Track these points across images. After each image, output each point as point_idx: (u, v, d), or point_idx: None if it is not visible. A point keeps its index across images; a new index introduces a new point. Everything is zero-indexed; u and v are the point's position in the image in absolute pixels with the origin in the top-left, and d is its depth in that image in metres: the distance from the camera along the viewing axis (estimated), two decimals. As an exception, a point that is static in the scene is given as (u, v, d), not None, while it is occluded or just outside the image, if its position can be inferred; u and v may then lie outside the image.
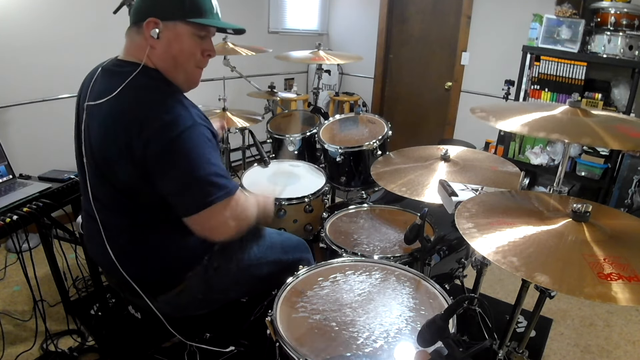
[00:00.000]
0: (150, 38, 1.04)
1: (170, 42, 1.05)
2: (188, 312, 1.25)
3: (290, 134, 2.34)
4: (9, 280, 2.24)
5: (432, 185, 1.46)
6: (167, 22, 1.04)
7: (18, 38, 2.43)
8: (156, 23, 1.03)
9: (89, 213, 1.16)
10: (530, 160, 3.26)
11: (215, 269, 1.21)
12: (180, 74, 1.10)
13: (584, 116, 1.16)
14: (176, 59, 1.07)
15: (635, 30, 2.67)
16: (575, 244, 0.88)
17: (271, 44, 3.10)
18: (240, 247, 1.28)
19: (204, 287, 1.20)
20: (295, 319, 1.03)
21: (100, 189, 1.10)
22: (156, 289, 1.16)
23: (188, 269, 1.18)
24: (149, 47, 1.05)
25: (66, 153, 2.67)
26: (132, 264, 1.13)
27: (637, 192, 2.79)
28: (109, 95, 1.02)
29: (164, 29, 1.04)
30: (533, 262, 0.82)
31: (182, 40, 1.06)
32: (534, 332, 1.98)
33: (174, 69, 1.08)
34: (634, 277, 0.77)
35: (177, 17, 1.04)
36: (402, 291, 1.15)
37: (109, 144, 1.02)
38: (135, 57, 1.07)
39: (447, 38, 3.93)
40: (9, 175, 1.65)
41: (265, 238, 1.36)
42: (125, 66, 1.06)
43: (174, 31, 1.05)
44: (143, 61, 1.05)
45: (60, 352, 1.71)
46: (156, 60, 1.07)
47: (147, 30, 1.03)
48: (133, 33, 1.08)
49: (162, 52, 1.06)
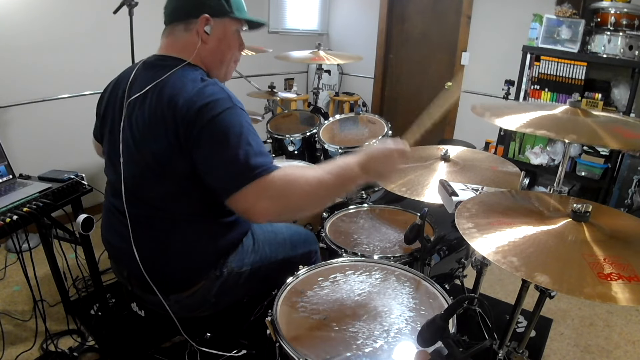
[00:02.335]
0: (204, 34, 1.10)
1: (220, 38, 1.13)
2: (196, 313, 1.24)
3: (290, 134, 2.34)
4: (9, 280, 2.24)
5: (432, 185, 1.46)
6: (216, 19, 1.11)
7: (18, 38, 2.43)
8: (208, 20, 1.09)
9: (114, 204, 1.17)
10: (530, 160, 3.26)
11: (228, 273, 1.21)
12: (222, 68, 1.19)
13: (584, 116, 1.16)
14: (224, 53, 1.16)
15: (635, 30, 2.67)
16: (575, 244, 0.88)
17: (271, 44, 3.10)
18: (253, 249, 1.27)
19: (216, 291, 1.20)
20: (295, 319, 1.03)
21: (135, 177, 1.10)
22: (170, 287, 1.16)
23: (205, 272, 1.18)
24: (200, 42, 1.10)
25: (66, 153, 2.70)
26: (153, 258, 1.13)
27: (637, 192, 2.79)
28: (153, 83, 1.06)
29: (215, 25, 1.11)
30: (533, 262, 0.82)
31: (230, 36, 1.15)
32: (534, 332, 1.98)
33: (219, 64, 1.17)
34: (634, 277, 0.77)
35: (226, 14, 1.11)
36: (402, 291, 1.15)
37: (153, 127, 1.04)
38: (179, 53, 1.12)
39: (447, 38, 3.93)
40: (9, 175, 1.65)
41: (276, 235, 1.36)
42: (169, 60, 1.10)
43: (223, 27, 1.13)
44: (192, 56, 1.11)
45: (60, 352, 1.71)
46: (204, 55, 1.13)
47: (200, 27, 1.09)
48: (178, 31, 1.13)
49: (212, 47, 1.13)
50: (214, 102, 1.01)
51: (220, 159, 1.00)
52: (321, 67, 2.72)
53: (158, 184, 1.09)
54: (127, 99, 1.10)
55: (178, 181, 1.08)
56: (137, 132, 1.08)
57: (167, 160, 1.05)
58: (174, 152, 1.03)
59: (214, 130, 1.00)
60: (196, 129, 1.00)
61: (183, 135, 1.01)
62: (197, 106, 1.00)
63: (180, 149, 1.03)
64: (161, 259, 1.14)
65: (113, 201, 1.18)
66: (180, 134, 1.01)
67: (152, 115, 1.05)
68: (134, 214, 1.11)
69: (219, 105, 1.01)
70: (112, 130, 1.16)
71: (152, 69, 1.11)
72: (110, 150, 1.16)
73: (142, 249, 1.11)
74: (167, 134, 1.02)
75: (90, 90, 2.74)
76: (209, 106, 1.00)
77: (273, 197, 0.99)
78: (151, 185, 1.10)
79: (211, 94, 1.02)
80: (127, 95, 1.10)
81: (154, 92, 1.06)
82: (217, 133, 1.00)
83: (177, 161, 1.04)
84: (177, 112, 1.01)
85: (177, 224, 1.13)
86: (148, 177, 1.09)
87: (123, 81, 1.16)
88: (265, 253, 1.30)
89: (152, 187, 1.10)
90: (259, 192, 0.98)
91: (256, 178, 0.97)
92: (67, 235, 1.75)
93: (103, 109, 1.22)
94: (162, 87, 1.05)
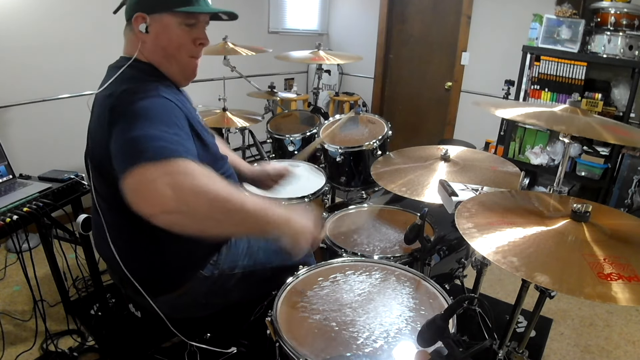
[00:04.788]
0: (140, 33, 1.07)
1: (158, 35, 1.07)
2: (188, 313, 1.25)
3: (290, 134, 2.34)
4: (9, 280, 2.24)
5: (432, 185, 1.46)
6: (153, 15, 1.06)
7: (18, 38, 2.43)
8: (144, 18, 1.06)
9: (95, 209, 1.17)
10: (530, 160, 3.26)
11: (219, 275, 1.20)
12: (173, 65, 1.12)
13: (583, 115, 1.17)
14: (166, 50, 1.09)
15: (635, 30, 2.67)
16: (575, 244, 0.88)
17: (271, 44, 3.10)
18: (247, 253, 1.27)
19: (206, 292, 1.20)
20: (295, 319, 1.03)
21: (100, 184, 1.10)
22: (157, 289, 1.16)
23: (190, 273, 1.17)
24: (140, 42, 1.08)
25: (66, 153, 2.70)
26: (134, 261, 1.12)
27: (637, 192, 2.79)
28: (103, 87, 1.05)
29: (152, 22, 1.06)
30: (533, 262, 0.82)
31: (170, 31, 1.07)
32: (534, 332, 1.98)
33: (166, 61, 1.11)
34: (634, 277, 0.77)
35: (163, 9, 1.05)
36: (402, 291, 1.15)
37: (98, 135, 1.03)
38: (130, 53, 1.11)
39: (447, 38, 3.93)
40: (9, 175, 1.65)
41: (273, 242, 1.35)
42: (122, 62, 1.09)
43: (160, 23, 1.07)
44: (134, 56, 1.08)
45: (60, 352, 1.71)
46: (148, 54, 1.10)
47: (135, 26, 1.07)
48: (127, 31, 1.13)
49: (152, 45, 1.08)
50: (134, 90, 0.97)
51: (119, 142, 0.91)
52: (321, 67, 2.72)
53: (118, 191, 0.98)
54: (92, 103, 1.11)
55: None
56: (90, 133, 1.09)
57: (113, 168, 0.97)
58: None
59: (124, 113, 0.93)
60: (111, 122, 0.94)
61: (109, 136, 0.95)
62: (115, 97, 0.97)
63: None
64: (142, 261, 1.13)
65: (95, 206, 1.17)
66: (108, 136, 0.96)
67: (96, 123, 1.05)
68: (108, 219, 1.11)
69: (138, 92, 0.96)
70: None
71: (109, 71, 1.10)
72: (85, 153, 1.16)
73: (121, 253, 1.10)
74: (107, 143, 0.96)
75: (90, 90, 2.69)
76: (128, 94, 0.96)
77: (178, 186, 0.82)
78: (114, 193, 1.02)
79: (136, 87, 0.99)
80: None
81: (100, 98, 1.05)
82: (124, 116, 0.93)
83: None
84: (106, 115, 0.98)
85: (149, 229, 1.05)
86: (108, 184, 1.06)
87: None
88: (260, 258, 1.28)
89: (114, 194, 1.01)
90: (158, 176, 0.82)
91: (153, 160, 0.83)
92: (67, 235, 1.75)
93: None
94: (105, 92, 1.03)
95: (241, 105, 2.80)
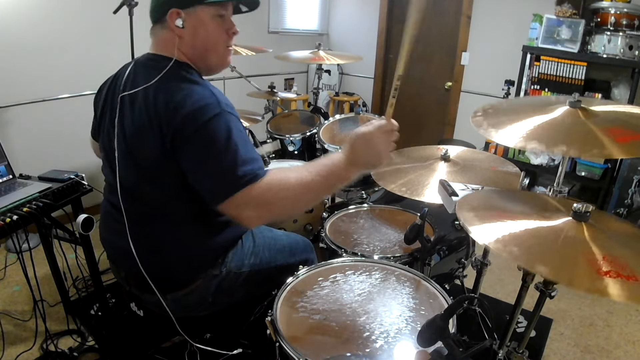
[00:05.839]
0: (177, 29, 1.07)
1: (196, 28, 1.09)
2: (194, 312, 1.25)
3: (290, 134, 2.34)
4: (9, 280, 2.24)
5: (432, 185, 1.46)
6: (187, 10, 1.07)
7: (18, 38, 2.43)
8: (178, 13, 1.06)
9: (111, 202, 1.18)
10: (530, 160, 3.26)
11: (227, 273, 1.21)
12: (212, 58, 1.14)
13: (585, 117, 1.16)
14: (205, 44, 1.11)
15: (635, 30, 2.67)
16: (575, 242, 0.87)
17: (271, 44, 3.10)
18: (253, 252, 1.28)
19: (214, 290, 1.21)
20: (295, 319, 1.03)
21: (130, 176, 1.11)
22: (168, 285, 1.16)
23: (202, 270, 1.18)
24: (177, 38, 1.08)
25: (66, 153, 2.70)
26: (150, 255, 1.13)
27: (637, 192, 2.79)
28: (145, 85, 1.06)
29: (186, 17, 1.07)
30: (533, 254, 0.82)
31: (206, 24, 1.09)
32: (534, 332, 1.98)
33: (205, 54, 1.13)
34: (632, 277, 0.77)
35: (195, 2, 1.07)
36: (402, 291, 1.15)
37: (142, 132, 1.04)
38: (166, 51, 1.11)
39: (447, 38, 3.93)
40: (9, 175, 1.65)
41: (276, 242, 1.36)
42: (161, 60, 1.09)
43: (195, 17, 1.08)
44: (175, 55, 1.09)
45: (60, 352, 1.71)
46: (186, 50, 1.11)
47: (171, 22, 1.07)
48: (157, 30, 1.12)
49: (190, 40, 1.09)
50: (200, 109, 0.99)
51: (205, 169, 1.00)
52: (321, 67, 2.72)
53: (151, 185, 1.09)
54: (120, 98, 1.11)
55: (171, 184, 1.08)
56: (128, 133, 1.08)
57: (157, 165, 1.05)
58: (162, 157, 1.03)
59: (200, 140, 0.99)
60: (182, 139, 1.00)
61: (170, 143, 1.01)
62: (183, 114, 0.99)
63: (167, 155, 1.02)
64: (158, 256, 1.14)
65: (110, 198, 1.19)
66: (167, 141, 1.01)
67: (139, 119, 1.05)
68: (130, 211, 1.12)
69: (205, 113, 0.99)
70: (108, 127, 1.16)
71: (144, 69, 1.11)
72: (107, 147, 1.17)
73: (139, 246, 1.11)
74: (154, 140, 1.02)
75: (90, 90, 2.73)
76: (195, 115, 0.99)
77: (257, 206, 1.00)
78: (145, 186, 1.10)
79: (198, 100, 1.01)
80: (122, 92, 1.11)
81: (143, 96, 1.05)
82: (202, 143, 0.99)
83: (168, 166, 1.04)
84: (162, 119, 1.00)
85: (173, 223, 1.13)
86: (142, 177, 1.09)
87: (119, 79, 1.16)
88: (265, 257, 1.30)
89: (145, 187, 1.10)
90: (243, 202, 0.98)
91: (240, 189, 0.97)
92: (67, 235, 1.75)
93: (100, 107, 1.22)
94: (151, 91, 1.04)
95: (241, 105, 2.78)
